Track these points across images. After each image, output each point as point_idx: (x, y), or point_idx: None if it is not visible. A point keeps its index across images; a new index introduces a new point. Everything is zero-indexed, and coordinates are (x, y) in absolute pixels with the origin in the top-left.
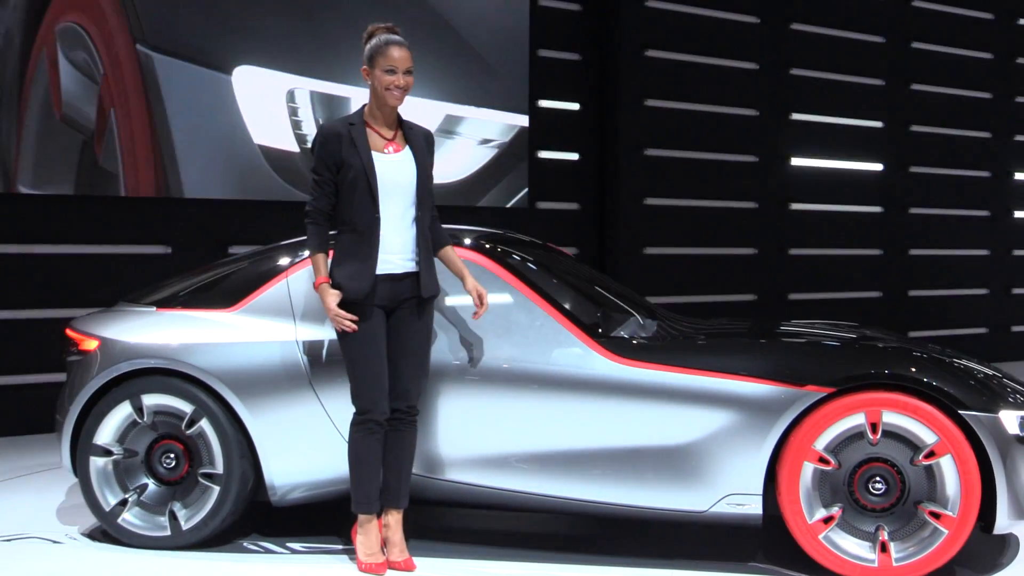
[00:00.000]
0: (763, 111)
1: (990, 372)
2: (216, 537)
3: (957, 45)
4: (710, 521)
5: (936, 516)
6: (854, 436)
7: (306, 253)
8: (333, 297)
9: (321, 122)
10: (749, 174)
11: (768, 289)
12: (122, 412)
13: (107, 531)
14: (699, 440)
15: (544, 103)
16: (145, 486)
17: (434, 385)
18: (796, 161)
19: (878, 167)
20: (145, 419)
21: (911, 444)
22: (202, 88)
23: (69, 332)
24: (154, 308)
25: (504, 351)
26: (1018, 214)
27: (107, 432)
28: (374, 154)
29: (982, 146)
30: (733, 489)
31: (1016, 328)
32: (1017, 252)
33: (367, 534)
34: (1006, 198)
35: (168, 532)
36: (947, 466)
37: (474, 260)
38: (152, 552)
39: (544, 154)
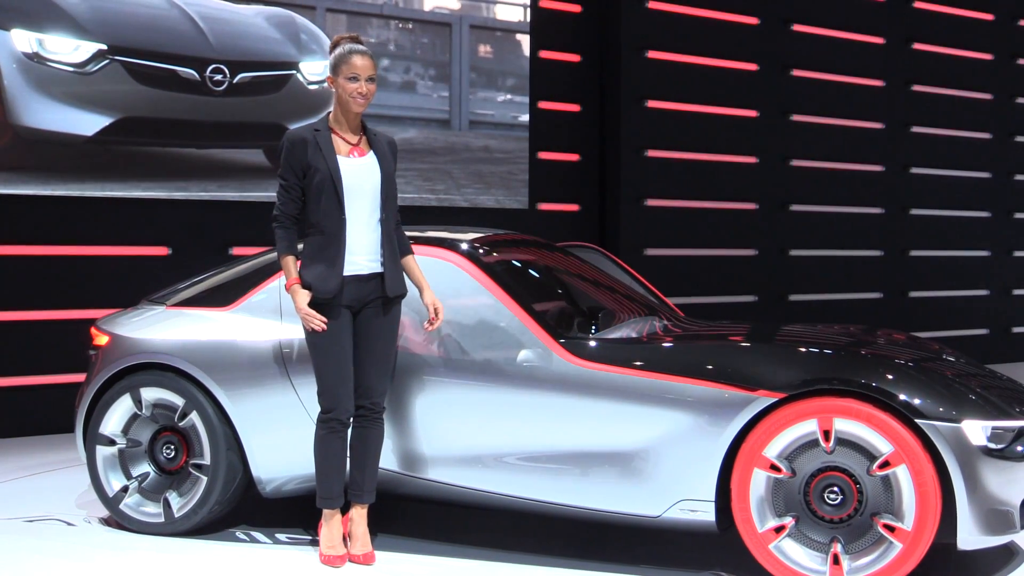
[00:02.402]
0: (763, 112)
1: (981, 379)
2: (210, 525)
3: (957, 46)
4: (664, 526)
5: (891, 529)
6: (808, 444)
7: None
8: (304, 297)
9: None
10: (749, 175)
11: (768, 290)
12: (124, 405)
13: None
14: (652, 443)
15: (545, 104)
16: (147, 474)
17: (401, 383)
18: (796, 162)
19: (878, 168)
20: (144, 411)
21: (867, 453)
22: None
23: (92, 329)
24: (163, 307)
25: (470, 351)
26: (1018, 215)
27: (112, 423)
28: (339, 158)
29: (983, 147)
30: (686, 495)
31: (1017, 329)
32: (1018, 253)
33: (330, 528)
34: (1007, 199)
35: (162, 519)
36: (903, 477)
37: (450, 261)
38: (148, 537)
39: (545, 155)
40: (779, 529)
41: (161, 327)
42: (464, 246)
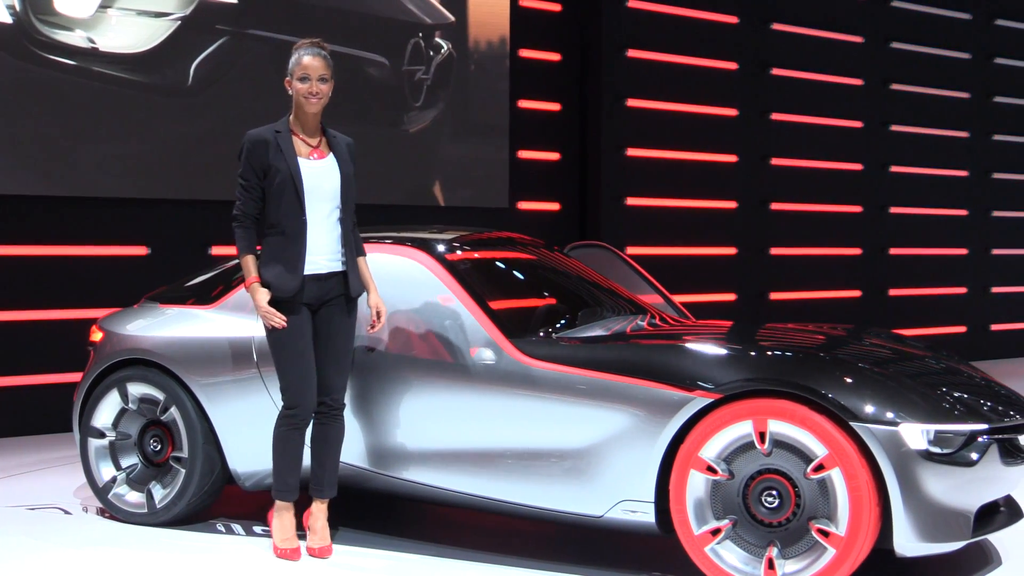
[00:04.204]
0: (743, 111)
1: (954, 381)
2: (192, 516)
3: (936, 45)
4: (607, 527)
5: (825, 534)
6: (746, 446)
7: None
8: (264, 295)
9: None
10: (729, 174)
11: (748, 289)
12: (113, 399)
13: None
14: (594, 443)
15: (525, 103)
16: (135, 466)
17: (364, 379)
18: (776, 161)
19: (858, 167)
20: (131, 406)
21: (803, 456)
22: None
23: (93, 327)
24: (157, 304)
25: (428, 349)
26: (996, 213)
27: (102, 417)
28: (300, 160)
29: (961, 146)
30: (627, 495)
31: (995, 327)
32: (996, 251)
33: (283, 520)
34: (985, 197)
35: (146, 509)
36: (837, 481)
37: (415, 259)
38: (132, 526)
39: (525, 154)
40: (715, 532)
41: (148, 324)
42: (429, 245)
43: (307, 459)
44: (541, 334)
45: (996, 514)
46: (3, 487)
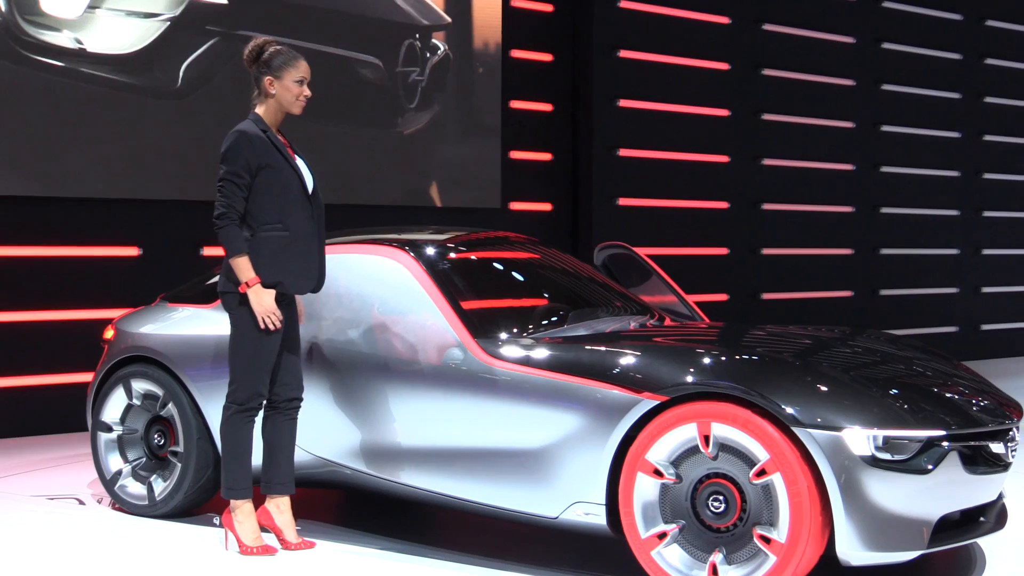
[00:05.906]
0: (735, 111)
1: (935, 384)
2: (190, 509)
3: (927, 46)
4: (562, 528)
5: (766, 540)
6: (692, 449)
7: None
8: (270, 296)
9: None
10: (721, 174)
11: (740, 289)
12: (119, 395)
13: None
14: (549, 443)
15: (517, 104)
16: (141, 459)
17: (336, 376)
18: (768, 161)
19: (849, 167)
20: (135, 401)
21: (748, 460)
22: None
23: (109, 325)
24: (167, 303)
25: (399, 348)
26: (987, 213)
27: (110, 411)
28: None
29: (952, 146)
30: (580, 497)
31: (986, 326)
32: (986, 251)
33: (248, 518)
34: (975, 197)
35: (146, 501)
36: (778, 486)
37: (394, 259)
38: (135, 517)
39: (517, 155)
40: (662, 536)
41: (153, 322)
42: (408, 245)
43: (259, 456)
44: (513, 333)
45: (977, 523)
46: (26, 480)
